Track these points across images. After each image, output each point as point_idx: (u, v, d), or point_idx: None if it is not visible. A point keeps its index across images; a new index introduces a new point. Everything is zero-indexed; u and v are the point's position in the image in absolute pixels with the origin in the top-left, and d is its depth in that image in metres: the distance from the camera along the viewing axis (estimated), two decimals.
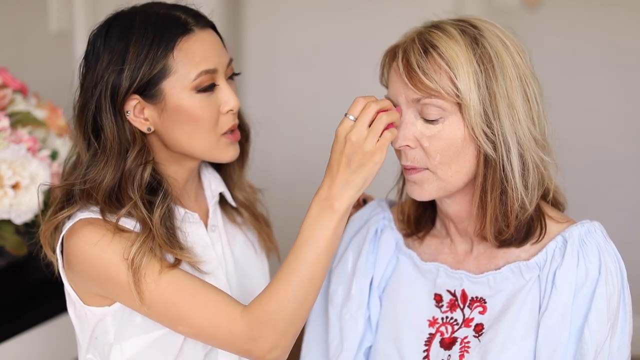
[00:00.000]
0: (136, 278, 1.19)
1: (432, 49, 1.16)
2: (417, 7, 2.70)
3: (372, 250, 1.37)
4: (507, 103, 1.16)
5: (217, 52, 1.28)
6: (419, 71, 1.15)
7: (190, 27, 1.26)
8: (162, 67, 1.23)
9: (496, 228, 1.20)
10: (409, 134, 1.19)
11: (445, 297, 1.27)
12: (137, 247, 1.20)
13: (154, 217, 1.24)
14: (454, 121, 1.17)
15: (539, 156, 1.19)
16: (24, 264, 1.64)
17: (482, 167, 1.18)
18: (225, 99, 1.27)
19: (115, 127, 1.25)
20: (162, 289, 1.19)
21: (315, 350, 1.41)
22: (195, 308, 1.20)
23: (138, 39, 1.23)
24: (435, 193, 1.21)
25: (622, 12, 2.64)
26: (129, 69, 1.23)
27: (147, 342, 1.28)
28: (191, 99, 1.25)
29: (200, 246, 1.34)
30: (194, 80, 1.24)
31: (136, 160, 1.26)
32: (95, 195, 1.25)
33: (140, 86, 1.24)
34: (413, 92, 1.17)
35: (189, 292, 1.20)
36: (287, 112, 3.03)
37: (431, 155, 1.18)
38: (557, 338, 1.16)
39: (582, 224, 1.21)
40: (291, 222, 3.19)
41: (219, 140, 1.29)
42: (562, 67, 2.68)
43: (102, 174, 1.25)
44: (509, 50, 1.18)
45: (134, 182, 1.25)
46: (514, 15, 2.71)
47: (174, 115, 1.25)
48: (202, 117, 1.25)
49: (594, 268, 1.17)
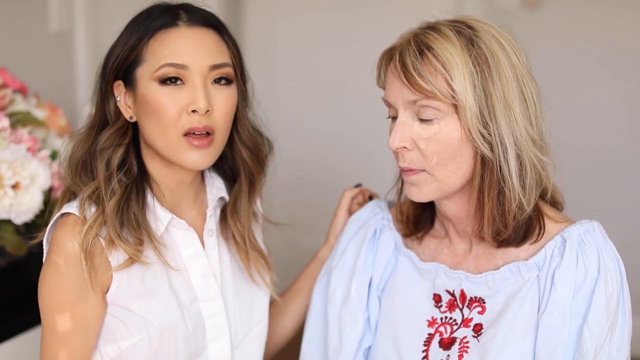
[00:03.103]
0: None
1: (427, 50, 1.16)
2: (416, 7, 2.70)
3: (371, 250, 1.37)
4: (503, 103, 1.15)
5: (197, 50, 1.25)
6: (415, 73, 1.15)
7: (177, 22, 1.26)
8: (137, 54, 1.26)
9: (494, 228, 1.20)
10: (405, 135, 1.19)
11: (444, 297, 1.27)
12: (84, 231, 1.21)
13: (108, 202, 1.24)
14: (450, 122, 1.17)
15: (536, 156, 1.19)
16: (24, 264, 1.63)
17: (479, 168, 1.18)
18: (191, 98, 1.24)
19: (100, 104, 1.31)
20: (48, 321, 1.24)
21: (315, 351, 1.42)
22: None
23: (132, 26, 1.28)
24: (432, 194, 1.21)
25: (622, 12, 2.64)
26: (115, 53, 1.28)
27: (123, 347, 1.28)
28: (153, 89, 1.25)
29: (190, 252, 1.33)
30: (156, 70, 1.24)
31: (110, 139, 1.29)
32: (70, 167, 1.29)
33: (120, 71, 1.28)
34: (410, 93, 1.17)
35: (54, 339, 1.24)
36: (287, 112, 3.03)
37: (428, 157, 1.18)
38: (556, 338, 1.16)
39: (581, 223, 1.20)
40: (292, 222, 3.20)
41: (179, 140, 1.25)
42: (561, 67, 2.68)
43: (79, 146, 1.30)
44: (506, 51, 1.17)
45: (104, 160, 1.27)
46: (514, 15, 2.71)
47: (142, 105, 1.27)
48: (161, 110, 1.24)
49: (593, 268, 1.17)
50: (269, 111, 2.52)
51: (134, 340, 1.27)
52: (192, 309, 1.31)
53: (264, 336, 1.45)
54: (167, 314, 1.28)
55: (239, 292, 1.41)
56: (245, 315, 1.41)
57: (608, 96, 2.71)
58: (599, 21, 2.68)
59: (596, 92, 2.72)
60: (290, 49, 3.00)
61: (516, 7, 2.75)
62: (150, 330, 1.26)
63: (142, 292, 1.27)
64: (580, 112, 2.69)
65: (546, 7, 2.74)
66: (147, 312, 1.26)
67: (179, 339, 1.29)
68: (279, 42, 3.02)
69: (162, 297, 1.28)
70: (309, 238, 1.62)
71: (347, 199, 1.49)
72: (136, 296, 1.26)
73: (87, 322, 1.25)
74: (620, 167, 2.73)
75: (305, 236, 2.78)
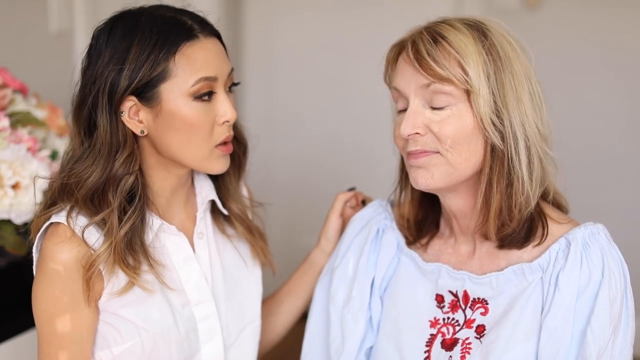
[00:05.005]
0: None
1: (441, 39, 1.16)
2: (417, 7, 2.70)
3: (374, 250, 1.36)
4: (515, 96, 1.16)
5: (220, 61, 1.26)
6: (429, 59, 1.15)
7: (196, 34, 1.24)
8: (162, 69, 1.21)
9: (499, 222, 1.19)
10: (418, 121, 1.18)
11: (447, 297, 1.27)
12: (93, 258, 1.21)
13: (120, 230, 1.23)
14: (462, 109, 1.16)
15: (543, 150, 1.19)
16: (24, 264, 1.63)
17: (489, 159, 1.17)
18: (222, 110, 1.26)
19: (109, 126, 1.24)
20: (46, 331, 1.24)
21: (316, 351, 1.41)
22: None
23: (141, 39, 1.21)
24: (441, 180, 1.19)
25: (622, 12, 2.64)
26: (128, 69, 1.21)
27: (116, 353, 1.28)
28: (187, 105, 1.23)
29: (180, 256, 1.33)
30: (192, 86, 1.22)
31: (123, 165, 1.24)
32: (76, 192, 1.24)
33: (138, 87, 1.22)
34: (423, 77, 1.16)
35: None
36: (287, 112, 3.02)
37: (442, 139, 1.17)
38: (559, 340, 1.16)
39: (585, 226, 1.20)
40: (291, 221, 3.19)
41: (212, 152, 1.27)
42: (561, 67, 2.68)
43: (89, 172, 1.24)
44: (515, 49, 1.18)
45: (117, 188, 1.24)
46: (514, 15, 2.71)
47: (168, 121, 1.24)
48: (197, 126, 1.24)
49: (597, 271, 1.17)
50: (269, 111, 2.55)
51: (127, 346, 1.26)
52: (184, 313, 1.31)
53: (257, 336, 1.45)
54: (159, 319, 1.27)
55: (230, 293, 1.41)
56: (237, 316, 1.41)
57: (608, 96, 2.70)
58: (599, 21, 2.67)
59: (596, 92, 2.71)
60: (290, 49, 3.00)
61: (516, 7, 2.75)
62: (143, 335, 1.26)
63: (133, 298, 1.26)
64: (580, 112, 2.69)
65: (546, 7, 2.74)
66: (139, 319, 1.26)
67: (172, 344, 1.29)
68: (279, 42, 3.01)
69: (153, 303, 1.28)
70: (309, 238, 1.62)
71: (340, 203, 1.49)
72: (127, 303, 1.26)
73: (82, 331, 1.25)
74: (620, 167, 2.73)
75: (305, 236, 2.77)
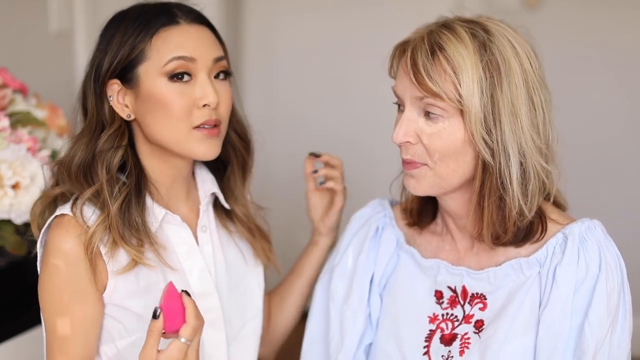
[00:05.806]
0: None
1: (439, 50, 1.16)
2: (417, 7, 2.70)
3: (373, 247, 1.37)
4: (510, 111, 1.15)
5: (201, 44, 1.28)
6: (424, 73, 1.16)
7: (177, 20, 1.27)
8: (139, 52, 1.25)
9: (493, 232, 1.21)
10: (410, 130, 1.20)
11: (446, 293, 1.28)
12: (89, 235, 1.22)
13: (112, 205, 1.24)
14: (454, 123, 1.17)
15: (540, 165, 1.19)
16: (24, 264, 1.63)
17: (480, 172, 1.18)
18: (202, 93, 1.26)
19: (95, 106, 1.29)
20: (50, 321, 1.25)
21: (316, 347, 1.42)
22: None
23: (126, 26, 1.27)
24: (429, 189, 1.22)
25: (622, 12, 2.64)
26: (110, 52, 1.27)
27: (120, 347, 1.28)
28: (163, 85, 1.25)
29: (184, 248, 1.34)
30: (165, 64, 1.25)
31: (109, 142, 1.28)
32: (66, 172, 1.28)
33: (118, 69, 1.27)
34: (417, 90, 1.17)
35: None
36: (287, 112, 3.02)
37: (431, 152, 1.19)
38: (557, 334, 1.17)
39: (582, 221, 1.21)
40: (291, 221, 3.19)
41: (190, 133, 1.27)
42: (561, 67, 2.67)
43: (75, 150, 1.29)
44: (519, 56, 1.17)
45: (104, 164, 1.27)
46: (514, 15, 2.71)
47: (146, 102, 1.26)
48: (171, 105, 1.25)
49: (595, 264, 1.17)
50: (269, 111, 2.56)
51: (132, 340, 1.27)
52: None
53: (258, 330, 1.46)
54: None
55: (234, 287, 1.41)
56: (239, 310, 1.42)
57: (608, 96, 2.70)
58: (599, 21, 2.68)
59: (596, 91, 2.72)
60: (291, 48, 3.00)
61: (516, 7, 2.75)
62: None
63: (137, 289, 1.27)
64: (580, 111, 2.68)
65: (546, 7, 2.74)
66: (144, 310, 1.26)
67: None
68: (279, 42, 3.01)
69: (158, 293, 1.28)
70: (309, 238, 1.62)
71: (308, 178, 1.55)
72: (132, 294, 1.27)
73: (87, 323, 1.25)
74: (620, 166, 2.73)
75: (305, 236, 2.77)
